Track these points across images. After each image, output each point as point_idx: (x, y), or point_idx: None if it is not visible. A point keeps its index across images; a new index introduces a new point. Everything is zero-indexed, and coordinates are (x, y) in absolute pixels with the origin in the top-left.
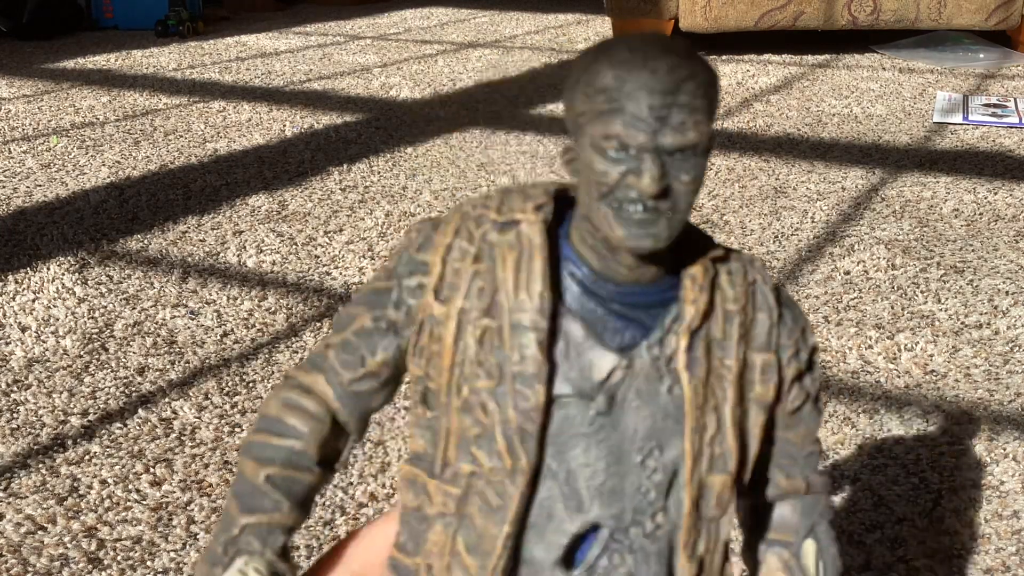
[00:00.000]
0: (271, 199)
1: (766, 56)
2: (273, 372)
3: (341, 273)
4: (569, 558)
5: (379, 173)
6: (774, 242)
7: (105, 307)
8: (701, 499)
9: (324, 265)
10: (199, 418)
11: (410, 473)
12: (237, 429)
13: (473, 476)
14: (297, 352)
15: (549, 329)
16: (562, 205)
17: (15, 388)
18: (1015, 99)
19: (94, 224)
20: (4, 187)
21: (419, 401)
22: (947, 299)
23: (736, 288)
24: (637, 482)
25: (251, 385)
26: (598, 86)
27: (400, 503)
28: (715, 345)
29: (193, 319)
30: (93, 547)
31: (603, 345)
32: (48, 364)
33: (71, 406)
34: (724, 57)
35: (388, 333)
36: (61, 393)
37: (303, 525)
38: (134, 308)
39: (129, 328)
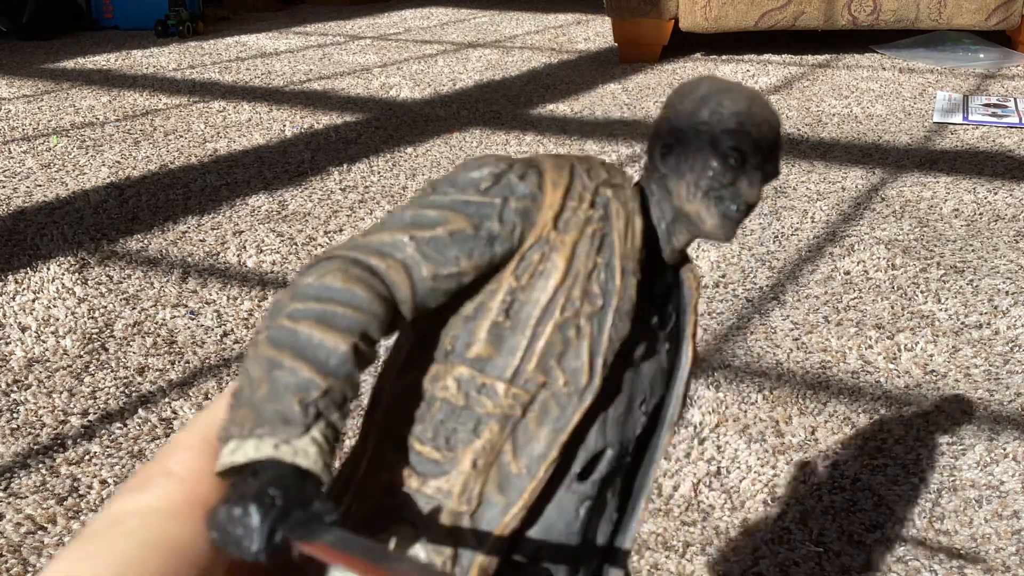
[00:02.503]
0: (271, 199)
1: (766, 56)
2: None
3: None
4: (585, 472)
5: (379, 173)
6: (774, 242)
7: (105, 307)
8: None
9: None
10: None
11: (469, 373)
12: None
13: (543, 387)
14: None
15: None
16: None
17: (15, 388)
18: (1015, 99)
19: (94, 224)
20: (4, 187)
21: (503, 311)
22: (947, 299)
23: (696, 272)
24: (634, 420)
25: None
26: (734, 110)
27: (430, 396)
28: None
29: (193, 319)
30: None
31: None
32: (48, 364)
33: (71, 406)
34: (724, 57)
35: (486, 243)
36: (61, 393)
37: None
38: (134, 308)
39: (129, 328)
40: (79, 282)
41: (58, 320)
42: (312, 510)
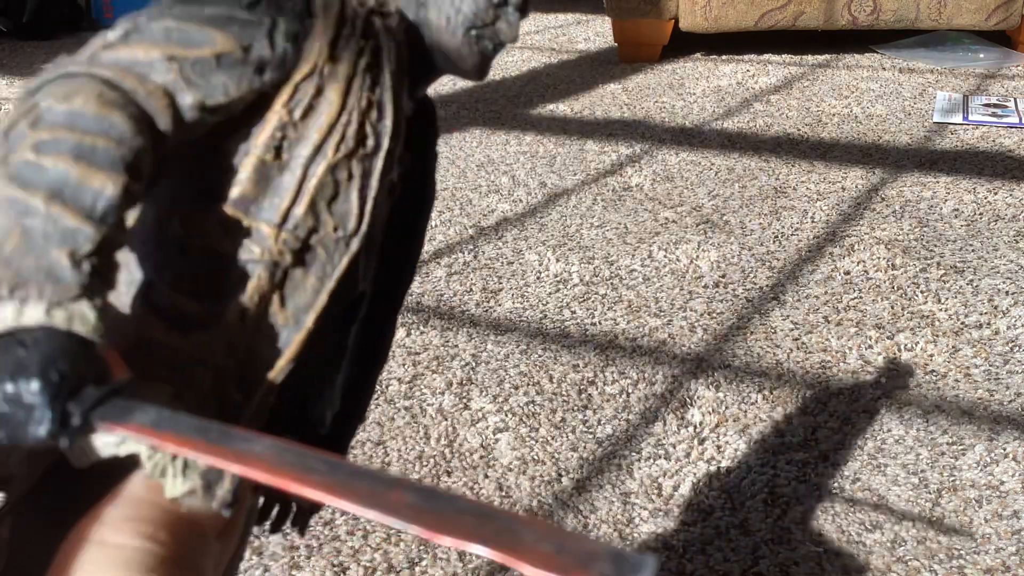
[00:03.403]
0: None
1: (766, 56)
2: None
3: None
4: (347, 318)
5: None
6: (774, 242)
7: None
8: None
9: None
10: None
11: (233, 215)
12: None
13: (313, 232)
14: None
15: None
16: None
17: None
18: (1015, 99)
19: None
20: None
21: (272, 148)
22: (947, 299)
23: (434, 105)
24: (381, 259)
25: None
26: None
27: (183, 240)
28: None
29: None
30: None
31: None
32: None
33: None
34: (724, 57)
35: (255, 70)
36: None
37: None
38: None
39: None
40: None
41: None
42: (111, 385)
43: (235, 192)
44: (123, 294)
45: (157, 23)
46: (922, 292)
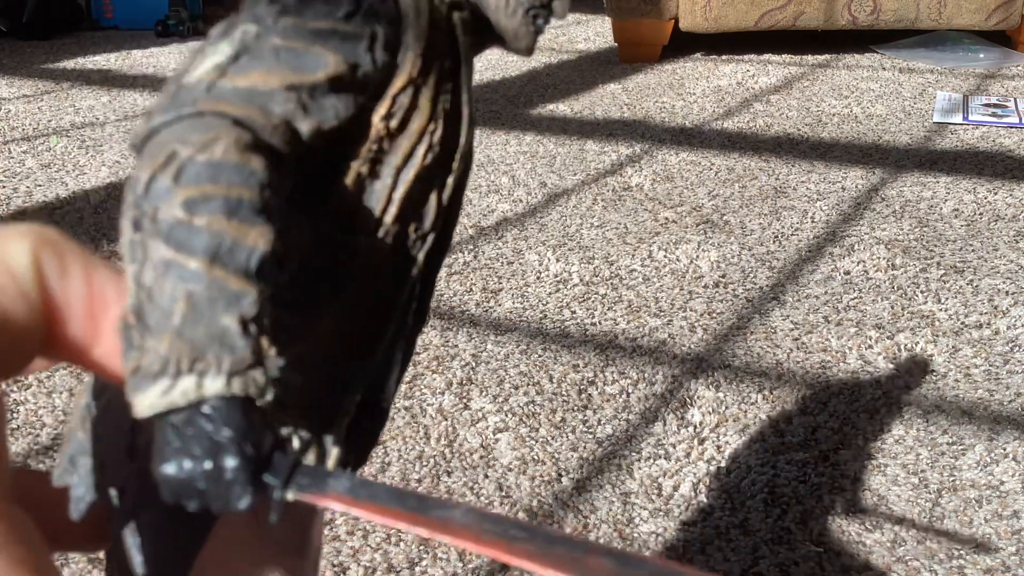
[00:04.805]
0: None
1: (766, 56)
2: None
3: None
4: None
5: None
6: (774, 242)
7: None
8: None
9: None
10: None
11: (329, 227)
12: None
13: (397, 236)
14: None
15: None
16: None
17: (15, 388)
18: (1015, 99)
19: (94, 224)
20: (4, 187)
21: (368, 159)
22: (947, 299)
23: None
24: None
25: None
26: None
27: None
28: None
29: None
30: None
31: None
32: None
33: (71, 406)
34: (724, 57)
35: (360, 89)
36: (61, 393)
37: None
38: None
39: None
40: None
41: None
42: (295, 451)
43: (331, 205)
44: None
45: (265, 41)
46: (922, 292)
